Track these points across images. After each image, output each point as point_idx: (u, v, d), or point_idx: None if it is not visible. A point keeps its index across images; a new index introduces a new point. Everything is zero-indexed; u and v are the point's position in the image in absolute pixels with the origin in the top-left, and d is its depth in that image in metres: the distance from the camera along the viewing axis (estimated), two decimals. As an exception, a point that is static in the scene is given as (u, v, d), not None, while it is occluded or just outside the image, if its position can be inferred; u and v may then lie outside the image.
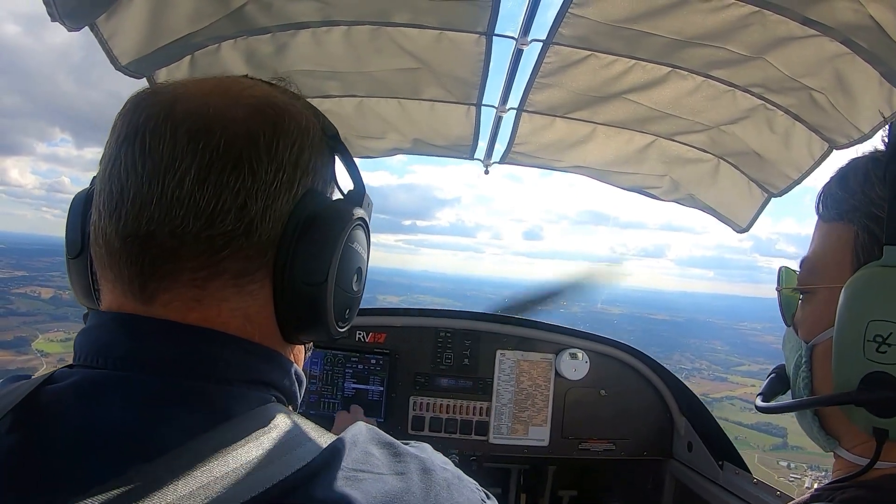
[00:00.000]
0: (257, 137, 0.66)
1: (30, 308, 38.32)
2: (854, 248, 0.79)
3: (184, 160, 0.63)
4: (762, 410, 0.93)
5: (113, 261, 0.65)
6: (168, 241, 0.63)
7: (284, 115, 0.69)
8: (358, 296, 0.78)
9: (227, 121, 0.65)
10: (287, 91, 0.76)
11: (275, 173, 0.66)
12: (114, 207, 0.64)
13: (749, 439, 32.01)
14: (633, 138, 2.74)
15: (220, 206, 0.63)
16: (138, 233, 0.63)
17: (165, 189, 0.62)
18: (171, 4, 1.77)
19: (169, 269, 0.64)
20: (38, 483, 0.55)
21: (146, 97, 0.68)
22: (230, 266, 0.65)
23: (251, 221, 0.65)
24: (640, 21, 1.94)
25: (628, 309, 74.09)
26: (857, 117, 1.95)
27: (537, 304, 4.26)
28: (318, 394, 2.84)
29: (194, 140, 0.63)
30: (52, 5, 1.41)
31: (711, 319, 68.56)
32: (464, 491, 0.69)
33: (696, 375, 43.42)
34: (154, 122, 0.65)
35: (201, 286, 0.65)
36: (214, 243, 0.63)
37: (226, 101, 0.67)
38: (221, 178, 0.63)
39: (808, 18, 1.75)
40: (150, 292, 0.64)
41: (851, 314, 0.74)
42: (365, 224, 0.77)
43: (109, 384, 0.61)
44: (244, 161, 0.64)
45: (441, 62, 2.29)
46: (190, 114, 0.65)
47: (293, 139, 0.69)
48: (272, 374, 0.69)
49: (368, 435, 0.68)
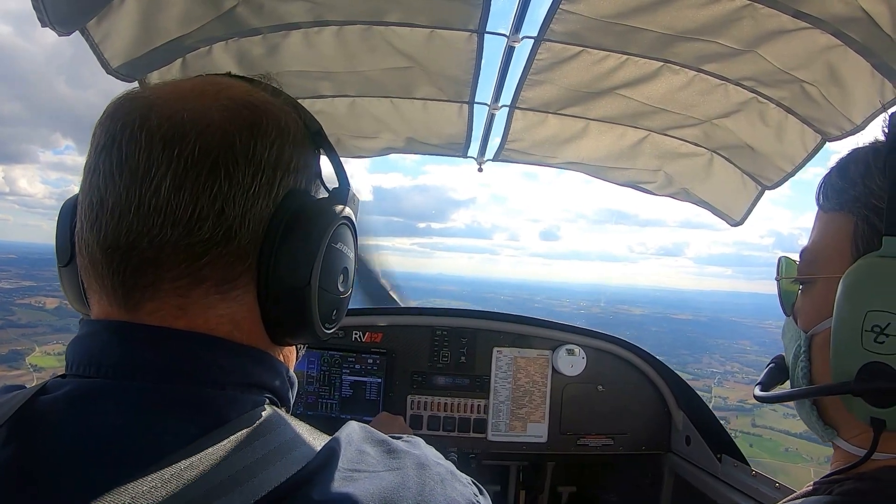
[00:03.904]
0: (233, 140, 0.65)
1: (31, 319, 37.71)
2: (853, 239, 0.79)
3: (159, 168, 0.62)
4: (761, 400, 0.93)
5: (96, 272, 0.65)
6: (148, 251, 0.62)
7: (262, 115, 0.68)
8: (345, 296, 0.77)
9: (202, 125, 0.64)
10: (267, 88, 0.74)
11: (252, 176, 0.65)
12: (94, 218, 0.64)
13: (801, 450, 28.81)
14: (626, 133, 2.74)
15: (197, 213, 0.62)
16: (118, 244, 0.62)
17: (143, 198, 0.62)
18: (162, 7, 1.76)
19: (150, 280, 0.63)
20: (35, 495, 0.54)
21: (123, 104, 0.67)
22: (211, 273, 0.64)
23: (230, 227, 0.64)
24: (632, 16, 1.94)
25: (650, 309, 73.40)
26: (849, 109, 1.95)
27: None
28: (315, 395, 2.83)
29: (169, 147, 0.62)
30: (42, 10, 1.40)
31: (736, 318, 67.84)
32: (457, 485, 0.68)
33: (730, 379, 41.80)
34: (130, 129, 0.64)
35: (184, 294, 0.64)
36: (194, 251, 0.63)
37: (201, 105, 0.66)
38: (197, 184, 0.62)
39: (800, 11, 1.76)
40: (134, 302, 0.64)
41: (850, 304, 0.74)
42: (350, 222, 0.76)
43: (102, 393, 0.61)
44: (220, 166, 0.63)
45: (433, 60, 2.29)
46: (165, 119, 0.64)
47: (271, 139, 0.67)
48: (264, 376, 0.69)
49: (362, 434, 0.68)
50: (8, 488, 0.55)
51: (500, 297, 77.28)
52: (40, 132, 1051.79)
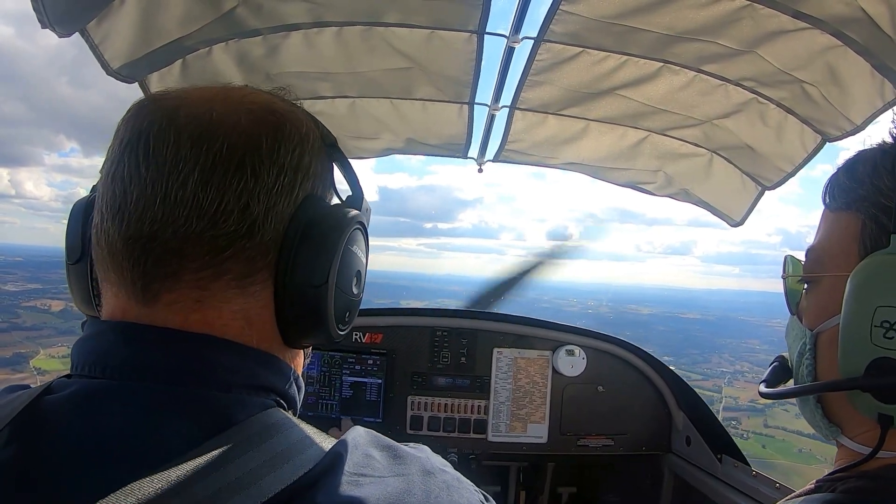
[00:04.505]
0: (259, 142, 0.67)
1: (36, 322, 37.53)
2: (861, 238, 0.79)
3: (187, 163, 0.64)
4: (766, 397, 0.94)
5: (115, 262, 0.65)
6: (171, 241, 0.63)
7: (286, 121, 0.71)
8: (358, 299, 0.78)
9: (229, 126, 0.66)
10: (286, 99, 0.77)
11: (276, 176, 0.67)
12: (117, 209, 0.65)
13: (815, 451, 27.83)
14: (626, 134, 2.74)
15: (223, 207, 0.64)
16: (141, 234, 0.63)
17: (169, 191, 0.63)
18: (162, 8, 1.76)
19: (172, 269, 0.64)
20: (38, 495, 0.54)
21: (149, 103, 0.69)
22: (233, 266, 0.65)
23: (254, 222, 0.65)
24: (631, 17, 1.94)
25: (658, 308, 72.81)
26: (849, 109, 1.96)
27: (493, 297, 4.30)
28: (315, 395, 2.83)
29: (197, 144, 0.64)
30: (42, 11, 1.40)
31: (744, 317, 67.43)
32: (463, 493, 0.68)
33: (740, 378, 41.36)
34: (158, 126, 0.66)
35: (204, 287, 0.65)
36: (218, 243, 0.64)
37: (228, 108, 0.68)
38: (224, 179, 0.64)
39: (799, 12, 1.76)
40: (153, 293, 0.64)
41: (859, 300, 0.75)
42: (364, 228, 0.78)
43: (108, 393, 0.61)
44: (247, 164, 0.65)
45: (433, 61, 2.29)
46: (193, 118, 0.66)
47: (294, 144, 0.70)
48: (271, 378, 0.69)
49: (368, 438, 0.68)
50: (10, 489, 0.55)
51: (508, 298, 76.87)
52: (44, 134, 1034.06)
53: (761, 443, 30.06)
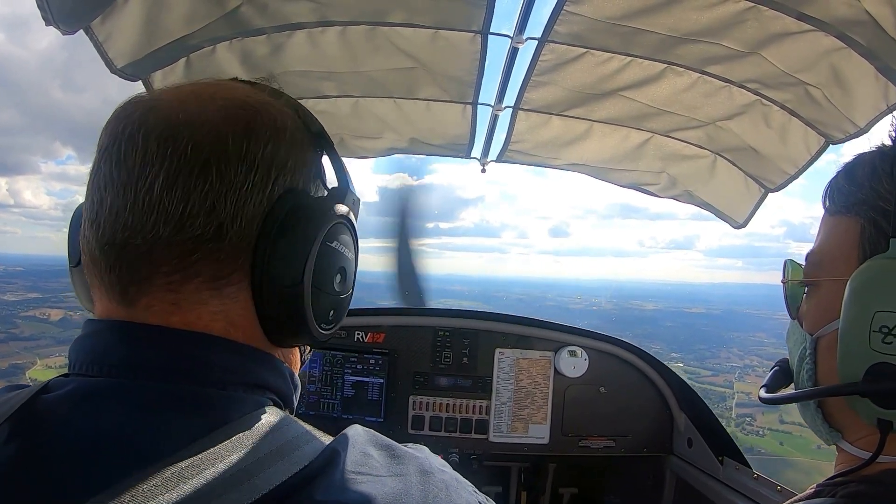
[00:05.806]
0: (226, 139, 0.65)
1: (34, 332, 37.06)
2: (860, 242, 0.79)
3: (153, 166, 0.63)
4: (766, 401, 0.94)
5: (96, 268, 0.66)
6: (142, 247, 0.63)
7: (257, 114, 0.68)
8: (342, 297, 0.75)
9: (195, 125, 0.65)
10: (268, 90, 0.75)
11: (245, 174, 0.65)
12: (94, 217, 0.65)
13: (834, 448, 28.67)
14: (629, 135, 2.74)
15: (188, 211, 0.63)
16: (115, 240, 0.63)
17: (138, 196, 0.63)
18: (166, 6, 1.76)
19: (144, 275, 0.64)
20: (36, 492, 0.54)
21: (127, 107, 0.68)
22: (203, 269, 0.64)
23: (221, 224, 0.64)
24: (636, 18, 1.94)
25: (663, 303, 71.66)
26: (852, 112, 1.95)
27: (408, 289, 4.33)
28: (317, 394, 2.84)
29: (163, 146, 0.63)
30: (46, 9, 1.40)
31: (749, 310, 66.68)
32: (462, 493, 0.68)
33: (751, 373, 40.04)
34: (129, 130, 0.65)
35: (176, 290, 0.64)
36: (185, 247, 0.63)
37: (197, 106, 0.67)
38: (189, 182, 0.63)
39: (804, 14, 1.76)
40: (130, 297, 0.64)
41: (858, 305, 0.74)
42: (348, 222, 0.75)
43: (105, 391, 0.61)
44: (212, 164, 0.64)
45: (437, 61, 2.29)
46: (161, 120, 0.65)
47: (266, 138, 0.67)
48: (267, 376, 0.69)
49: (366, 436, 0.67)
50: (9, 486, 0.55)
51: (511, 296, 75.78)
52: (39, 141, 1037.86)
53: (778, 440, 29.52)
